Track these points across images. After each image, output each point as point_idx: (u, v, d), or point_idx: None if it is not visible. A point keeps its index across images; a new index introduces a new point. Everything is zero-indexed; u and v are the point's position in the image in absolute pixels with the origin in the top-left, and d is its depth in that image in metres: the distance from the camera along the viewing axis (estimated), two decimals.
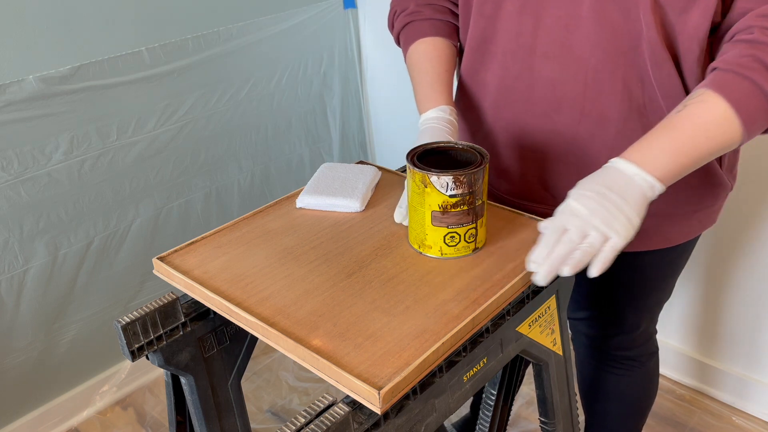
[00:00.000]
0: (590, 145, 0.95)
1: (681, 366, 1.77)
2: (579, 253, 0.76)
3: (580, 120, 0.94)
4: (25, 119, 1.46)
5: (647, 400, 1.30)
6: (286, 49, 1.93)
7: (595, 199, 0.77)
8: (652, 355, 1.25)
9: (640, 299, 1.14)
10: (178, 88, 1.71)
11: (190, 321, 0.88)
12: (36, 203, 1.53)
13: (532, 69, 0.94)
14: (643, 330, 1.19)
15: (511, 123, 1.00)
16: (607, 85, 0.90)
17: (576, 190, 0.80)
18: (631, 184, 0.78)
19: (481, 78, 1.02)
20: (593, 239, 0.76)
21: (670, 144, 0.79)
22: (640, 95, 0.90)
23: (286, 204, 1.02)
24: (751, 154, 1.44)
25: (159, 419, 1.79)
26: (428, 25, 1.06)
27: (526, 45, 0.94)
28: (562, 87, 0.93)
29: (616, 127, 0.92)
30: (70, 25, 1.49)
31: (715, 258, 1.61)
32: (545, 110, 0.96)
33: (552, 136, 0.97)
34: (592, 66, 0.90)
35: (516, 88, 0.97)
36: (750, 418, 1.66)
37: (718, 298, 1.65)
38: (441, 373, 0.74)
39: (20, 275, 1.56)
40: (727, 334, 1.67)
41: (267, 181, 2.02)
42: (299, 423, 0.65)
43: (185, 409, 0.97)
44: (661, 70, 0.87)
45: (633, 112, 0.91)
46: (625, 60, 0.88)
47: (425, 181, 0.82)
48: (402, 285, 0.81)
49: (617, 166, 0.80)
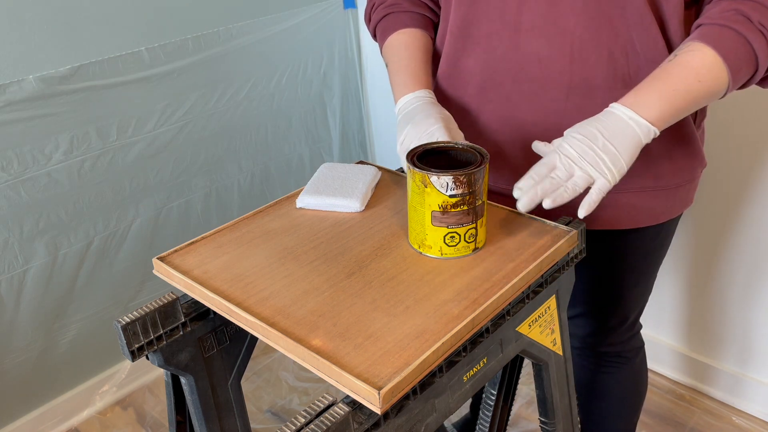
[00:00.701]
0: (578, 118, 0.95)
1: (680, 365, 1.77)
2: (562, 189, 0.81)
3: (567, 94, 0.95)
4: (25, 119, 1.46)
5: (638, 396, 1.31)
6: (286, 49, 1.93)
7: (586, 142, 0.82)
8: (638, 350, 1.26)
9: (625, 290, 1.15)
10: (178, 88, 1.71)
11: (190, 321, 0.88)
12: (36, 203, 1.53)
13: (518, 47, 0.95)
14: (629, 324, 1.20)
15: (499, 106, 1.01)
16: (592, 55, 0.92)
17: (570, 131, 0.84)
18: (626, 127, 0.82)
19: (463, 64, 1.02)
20: (578, 179, 0.81)
21: (664, 88, 0.83)
22: (624, 63, 0.92)
23: (286, 204, 1.02)
24: (746, 152, 1.45)
25: (159, 419, 1.79)
26: (406, 16, 1.07)
27: (510, 23, 0.94)
28: (549, 62, 0.94)
29: (602, 97, 0.93)
30: (70, 25, 1.49)
31: (705, 255, 1.61)
32: (533, 88, 0.97)
33: (541, 114, 0.98)
34: (577, 36, 0.91)
35: (502, 69, 0.98)
36: (750, 417, 1.66)
37: (711, 296, 1.65)
38: (441, 373, 0.74)
39: (20, 275, 1.56)
40: (722, 332, 1.67)
41: (267, 181, 2.03)
42: (299, 423, 0.65)
43: (185, 409, 0.97)
44: (647, 35, 0.89)
45: (618, 81, 0.93)
46: (610, 27, 0.90)
47: (425, 181, 0.82)
48: (402, 285, 0.81)
49: (614, 110, 0.84)
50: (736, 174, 1.49)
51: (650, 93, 0.83)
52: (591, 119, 0.85)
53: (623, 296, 1.16)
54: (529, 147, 1.00)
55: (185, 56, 1.70)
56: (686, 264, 1.66)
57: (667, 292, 1.72)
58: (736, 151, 1.47)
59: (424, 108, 0.96)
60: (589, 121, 0.84)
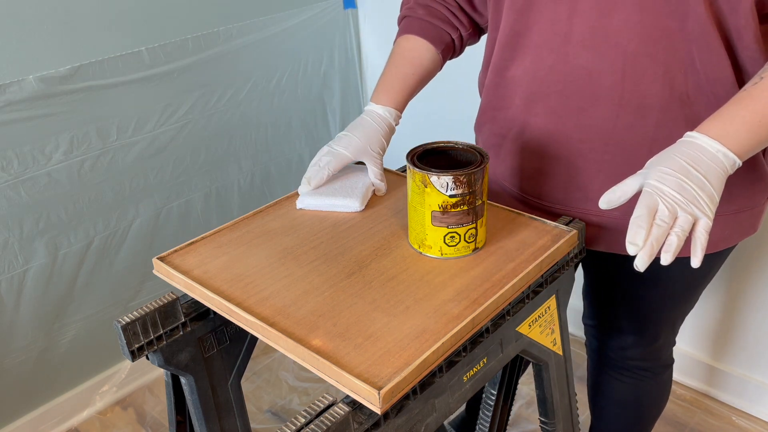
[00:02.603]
0: (628, 138, 0.91)
1: (682, 366, 1.77)
2: (674, 238, 0.73)
3: (618, 113, 0.90)
4: (25, 119, 1.46)
5: (656, 410, 1.27)
6: (286, 49, 1.93)
7: (680, 177, 0.75)
8: (667, 367, 1.21)
9: (664, 311, 1.10)
10: (178, 88, 1.71)
11: (190, 321, 0.88)
12: (36, 203, 1.53)
13: (567, 59, 0.90)
14: (662, 343, 1.16)
15: (545, 120, 0.96)
16: (647, 71, 0.86)
17: (657, 168, 0.76)
18: (714, 160, 0.75)
19: (512, 74, 0.99)
20: (683, 221, 0.74)
21: (749, 117, 0.76)
22: (683, 82, 0.86)
23: (286, 204, 1.02)
24: None
25: (159, 419, 1.79)
26: (417, 24, 1.07)
27: (561, 33, 0.89)
28: (599, 77, 0.89)
29: (656, 117, 0.88)
30: (71, 25, 1.49)
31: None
32: (580, 104, 0.92)
33: (588, 131, 0.93)
34: (630, 51, 0.85)
35: (550, 80, 0.93)
36: (750, 418, 1.66)
37: (720, 299, 1.65)
38: (441, 373, 0.74)
39: (20, 275, 1.56)
40: (728, 335, 1.67)
41: (267, 181, 2.02)
42: (299, 423, 0.65)
43: (185, 409, 0.97)
44: (710, 51, 0.83)
45: (674, 100, 0.87)
46: (668, 42, 0.83)
47: (425, 181, 0.82)
48: (402, 285, 0.81)
49: (699, 141, 0.77)
50: None
51: (736, 123, 0.76)
52: (673, 150, 0.78)
53: (664, 319, 1.11)
54: (573, 163, 0.96)
55: (185, 56, 1.70)
56: None
57: None
58: None
59: (365, 130, 1.03)
60: (673, 153, 0.77)
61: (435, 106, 1.92)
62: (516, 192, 1.06)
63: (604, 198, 0.78)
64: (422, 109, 1.67)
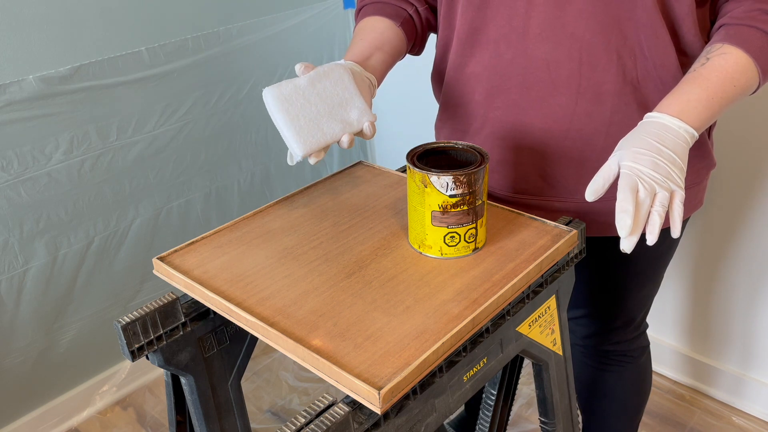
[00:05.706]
0: (587, 124, 0.95)
1: (680, 365, 1.77)
2: (657, 218, 0.77)
3: (576, 100, 0.94)
4: (25, 119, 1.46)
5: (642, 396, 1.31)
6: (286, 49, 1.93)
7: (654, 156, 0.79)
8: (644, 349, 1.25)
9: (634, 290, 1.14)
10: (178, 88, 1.71)
11: (190, 321, 0.88)
12: (36, 203, 1.53)
13: (526, 52, 0.94)
14: (636, 324, 1.20)
15: (506, 112, 1.00)
16: (601, 59, 0.91)
17: (631, 149, 0.80)
18: (678, 136, 0.81)
19: (471, 71, 1.01)
20: (662, 198, 0.78)
21: (704, 95, 0.83)
22: (633, 68, 0.91)
23: (286, 204, 1.02)
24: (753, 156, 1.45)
25: (159, 419, 1.79)
26: (372, 7, 1.06)
27: (518, 27, 0.93)
28: (557, 67, 0.93)
29: (612, 103, 0.93)
30: (71, 25, 1.49)
31: (707, 255, 1.61)
32: (541, 94, 0.96)
33: (549, 120, 0.97)
34: (586, 41, 0.90)
35: (510, 74, 0.97)
36: (750, 417, 1.66)
37: (712, 296, 1.65)
38: (441, 373, 0.74)
39: (20, 275, 1.56)
40: (722, 332, 1.67)
41: (267, 181, 2.02)
42: (299, 423, 0.65)
43: (185, 409, 0.97)
44: (656, 38, 0.89)
45: (627, 85, 0.92)
46: (619, 30, 0.89)
47: (425, 181, 0.82)
48: (402, 285, 0.81)
49: (662, 120, 0.82)
50: (741, 176, 1.49)
51: (692, 100, 0.83)
52: (640, 131, 0.83)
53: (629, 298, 1.15)
54: (538, 152, 1.00)
55: (185, 56, 1.70)
56: (689, 265, 1.66)
57: (669, 292, 1.72)
58: (743, 154, 1.47)
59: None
60: (640, 134, 0.82)
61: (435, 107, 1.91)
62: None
63: (589, 190, 0.80)
64: (422, 109, 1.67)
